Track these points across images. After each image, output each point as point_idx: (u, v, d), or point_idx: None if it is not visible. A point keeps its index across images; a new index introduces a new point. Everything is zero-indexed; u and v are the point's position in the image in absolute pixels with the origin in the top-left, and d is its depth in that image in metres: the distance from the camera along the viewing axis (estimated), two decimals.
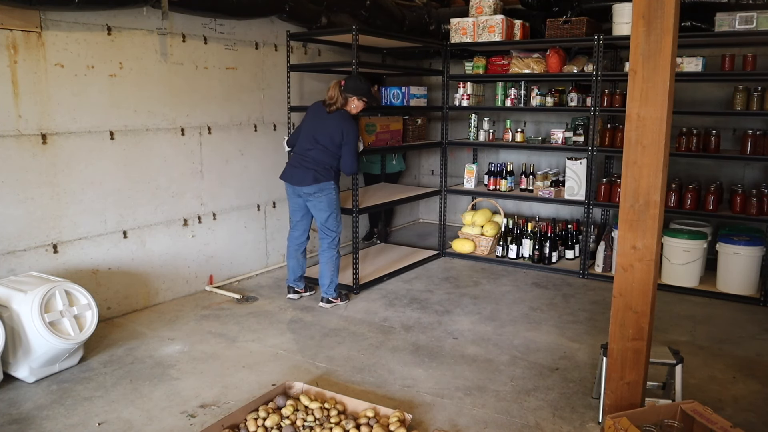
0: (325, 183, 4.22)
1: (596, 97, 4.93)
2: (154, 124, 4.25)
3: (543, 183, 5.40)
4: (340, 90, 4.20)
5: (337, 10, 5.11)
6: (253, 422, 2.72)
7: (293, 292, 4.58)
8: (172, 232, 4.46)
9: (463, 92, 5.68)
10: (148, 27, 4.12)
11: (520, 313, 4.33)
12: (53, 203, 3.74)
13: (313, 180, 4.20)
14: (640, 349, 2.58)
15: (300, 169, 4.24)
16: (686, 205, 4.83)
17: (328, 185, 4.24)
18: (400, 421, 2.70)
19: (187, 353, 3.60)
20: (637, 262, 2.53)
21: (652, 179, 2.45)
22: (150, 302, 4.36)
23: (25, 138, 3.57)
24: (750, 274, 4.62)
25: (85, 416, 2.90)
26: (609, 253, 5.11)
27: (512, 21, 5.39)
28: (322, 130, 4.22)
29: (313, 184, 4.20)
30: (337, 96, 4.20)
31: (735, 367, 3.50)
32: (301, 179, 4.23)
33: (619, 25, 4.90)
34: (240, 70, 4.84)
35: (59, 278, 3.39)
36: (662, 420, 2.40)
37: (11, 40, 3.45)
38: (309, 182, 4.20)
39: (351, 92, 4.22)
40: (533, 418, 2.92)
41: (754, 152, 4.64)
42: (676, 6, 2.34)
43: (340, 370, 3.41)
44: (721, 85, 5.40)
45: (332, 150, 4.22)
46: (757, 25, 4.37)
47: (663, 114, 2.40)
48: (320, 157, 4.21)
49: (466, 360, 3.55)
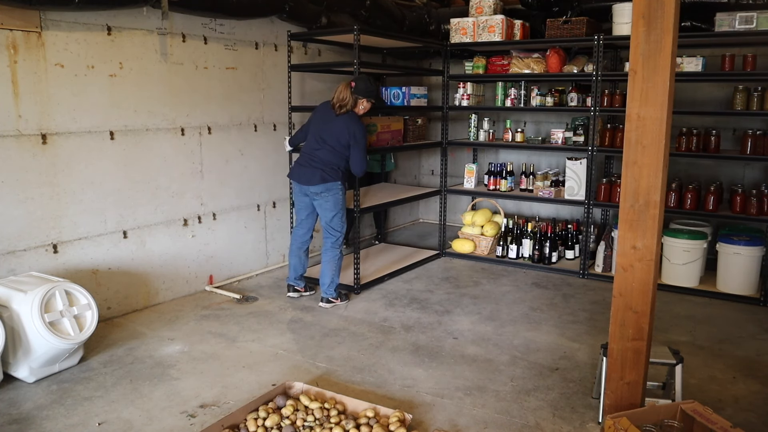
0: (332, 183, 4.23)
1: (596, 97, 4.93)
2: (154, 124, 4.25)
3: (543, 183, 5.40)
4: (351, 92, 4.21)
5: (337, 10, 5.11)
6: (253, 422, 2.72)
7: (293, 291, 4.59)
8: (172, 232, 4.46)
9: (463, 92, 5.68)
10: (148, 27, 4.12)
11: (520, 313, 4.33)
12: (53, 203, 3.74)
13: (320, 180, 4.21)
14: (640, 349, 2.58)
15: (308, 169, 4.25)
16: (686, 205, 4.83)
17: (335, 185, 4.25)
18: (400, 421, 2.70)
19: (187, 353, 3.60)
20: (637, 262, 2.53)
21: (652, 179, 2.45)
22: (150, 302, 4.36)
23: (25, 138, 3.57)
24: (750, 274, 4.62)
25: (85, 416, 2.90)
26: (609, 253, 5.11)
27: (512, 21, 5.40)
28: (330, 130, 4.23)
29: (320, 184, 4.22)
30: (349, 98, 4.20)
31: (735, 367, 3.50)
32: (308, 178, 4.25)
33: (619, 25, 4.90)
34: (240, 70, 4.84)
35: (59, 278, 3.39)
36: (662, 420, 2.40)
37: (11, 40, 3.45)
38: (316, 182, 4.22)
39: (362, 94, 4.23)
40: (533, 418, 2.92)
41: (754, 152, 4.64)
42: (676, 6, 2.34)
43: (340, 370, 3.41)
44: (721, 85, 5.40)
45: (339, 150, 4.23)
46: (757, 25, 4.37)
47: (663, 114, 2.40)
48: (327, 157, 4.22)
49: (466, 360, 3.55)
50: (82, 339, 3.24)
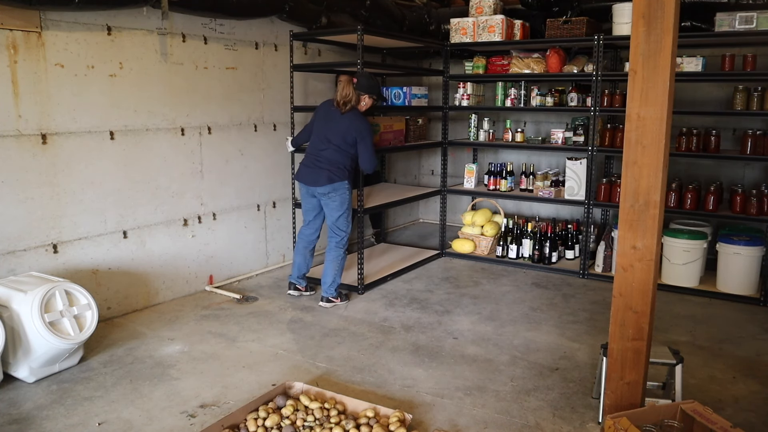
0: (339, 183, 4.23)
1: (596, 97, 4.93)
2: (154, 124, 4.25)
3: (543, 183, 5.40)
4: (353, 88, 4.20)
5: (337, 10, 5.11)
6: (253, 422, 2.72)
7: (294, 289, 4.58)
8: (172, 232, 4.46)
9: (463, 92, 5.68)
10: (148, 27, 4.12)
11: (520, 313, 4.33)
12: (53, 203, 3.74)
13: (327, 180, 4.20)
14: (640, 349, 2.58)
15: (314, 169, 4.25)
16: (686, 205, 4.83)
17: (342, 185, 4.24)
18: (400, 421, 2.70)
19: (187, 353, 3.60)
20: (637, 262, 2.53)
21: (652, 179, 2.45)
22: (150, 302, 4.36)
23: (25, 138, 3.57)
24: (750, 274, 4.62)
25: (85, 416, 2.90)
26: (609, 253, 5.11)
27: (512, 21, 5.40)
28: (335, 130, 4.22)
29: (327, 184, 4.21)
30: (352, 94, 4.19)
31: (735, 367, 3.50)
32: (315, 179, 4.24)
33: (619, 25, 4.90)
34: (240, 70, 4.84)
35: (59, 278, 3.39)
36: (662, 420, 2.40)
37: (11, 40, 3.45)
38: (323, 182, 4.21)
39: (364, 90, 4.23)
40: (533, 418, 2.92)
41: (754, 152, 4.64)
42: (676, 6, 2.34)
43: (340, 370, 3.41)
44: (721, 85, 5.40)
45: (345, 149, 4.22)
46: (757, 25, 4.37)
47: (663, 114, 2.40)
48: (334, 157, 4.21)
49: (466, 360, 3.55)
50: (82, 339, 3.24)
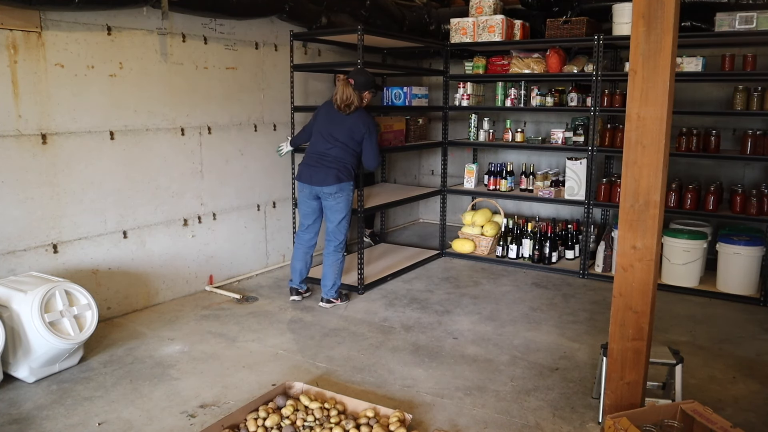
0: (346, 183, 4.20)
1: (596, 97, 4.93)
2: (154, 124, 4.25)
3: (543, 183, 5.40)
4: (352, 89, 4.15)
5: (337, 10, 5.11)
6: (253, 422, 2.72)
7: (296, 294, 4.53)
8: (172, 232, 4.46)
9: (463, 92, 5.68)
10: (148, 27, 4.12)
11: (520, 313, 4.33)
12: (53, 203, 3.74)
13: (335, 179, 4.15)
14: (640, 349, 2.58)
15: (321, 169, 4.18)
16: (686, 205, 4.83)
17: (348, 185, 4.22)
18: (400, 421, 2.70)
19: (187, 353, 3.60)
20: (637, 262, 2.53)
21: (652, 179, 2.45)
22: (150, 302, 4.36)
23: (25, 138, 3.57)
24: (750, 274, 4.63)
25: (85, 416, 2.90)
26: (609, 253, 5.11)
27: (512, 21, 5.40)
28: (341, 127, 4.19)
29: (334, 184, 4.16)
30: (353, 96, 4.14)
31: (735, 367, 3.50)
32: (322, 179, 4.17)
33: (619, 25, 4.90)
34: (240, 70, 4.84)
35: (59, 278, 3.39)
36: (662, 420, 2.40)
37: (11, 40, 3.45)
38: (331, 182, 4.15)
39: (363, 88, 4.21)
40: (533, 418, 2.92)
41: (754, 152, 4.64)
42: (676, 6, 2.34)
43: (340, 370, 3.41)
44: (721, 85, 5.40)
45: (352, 147, 4.20)
46: (757, 25, 4.37)
47: (663, 114, 2.40)
48: (341, 156, 4.18)
49: (466, 360, 3.55)
50: (82, 339, 3.24)
